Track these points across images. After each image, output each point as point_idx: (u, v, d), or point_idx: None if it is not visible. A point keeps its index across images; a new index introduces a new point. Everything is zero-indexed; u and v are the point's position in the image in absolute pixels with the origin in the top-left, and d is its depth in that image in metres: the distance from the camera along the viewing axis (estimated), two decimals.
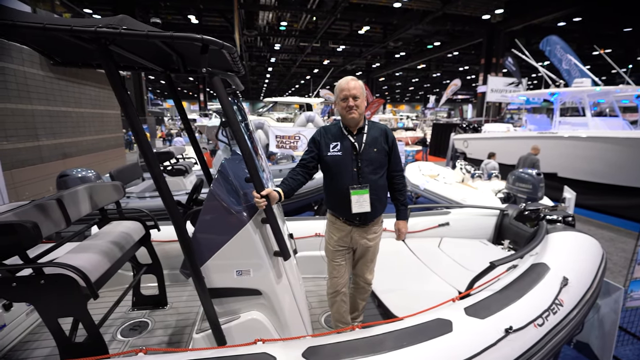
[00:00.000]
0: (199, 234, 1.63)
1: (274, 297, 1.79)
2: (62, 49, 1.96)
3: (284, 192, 1.75)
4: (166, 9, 19.78)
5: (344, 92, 1.80)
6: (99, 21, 1.28)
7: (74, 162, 9.64)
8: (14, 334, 2.16)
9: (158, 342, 2.19)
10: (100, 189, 2.25)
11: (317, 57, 28.41)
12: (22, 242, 1.45)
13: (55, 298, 1.55)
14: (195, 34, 1.32)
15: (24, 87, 7.95)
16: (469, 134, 11.97)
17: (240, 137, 1.51)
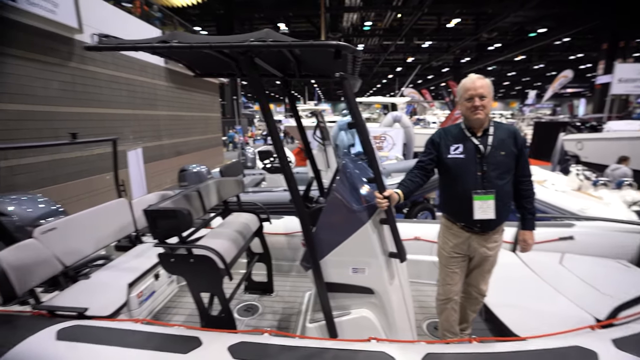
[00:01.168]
0: (320, 230, 1.73)
1: (385, 298, 1.80)
2: (202, 62, 2.29)
3: (404, 193, 1.74)
4: (260, 19, 21.45)
5: (469, 92, 1.71)
6: (248, 36, 1.45)
7: (185, 158, 11.18)
8: (160, 299, 2.60)
9: (269, 325, 2.40)
10: (226, 184, 2.56)
11: (401, 55, 27.60)
12: (180, 226, 1.73)
13: (200, 275, 1.83)
14: (330, 42, 1.40)
15: (153, 96, 9.49)
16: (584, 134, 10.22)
17: (366, 138, 1.56)
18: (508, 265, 2.59)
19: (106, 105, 7.49)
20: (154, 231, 1.76)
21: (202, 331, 1.63)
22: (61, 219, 2.31)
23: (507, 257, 2.68)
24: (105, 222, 2.60)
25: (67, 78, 6.41)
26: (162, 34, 6.80)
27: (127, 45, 1.50)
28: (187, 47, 1.45)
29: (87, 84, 6.94)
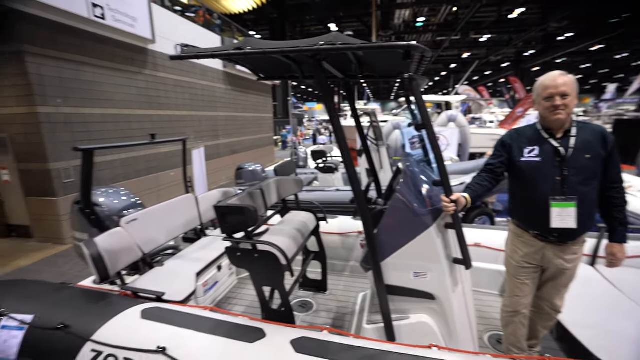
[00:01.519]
0: (382, 232, 1.72)
1: (447, 305, 1.74)
2: (265, 66, 2.39)
3: (472, 198, 1.67)
4: (310, 21, 21.81)
5: (549, 90, 1.57)
6: (317, 40, 1.49)
7: (239, 157, 11.78)
8: (222, 289, 2.79)
9: (323, 322, 2.44)
10: (285, 183, 2.66)
11: (456, 51, 26.25)
12: (247, 222, 1.84)
13: (263, 269, 1.92)
14: (400, 42, 1.38)
15: (212, 99, 10.13)
16: None
17: (434, 140, 1.52)
18: (586, 280, 2.34)
19: (173, 107, 8.17)
20: (223, 226, 1.89)
21: (265, 323, 1.71)
22: (141, 211, 2.58)
23: (585, 271, 2.42)
24: (175, 215, 2.85)
25: (142, 84, 7.11)
26: (222, 40, 7.23)
27: (206, 53, 1.63)
28: (261, 52, 1.53)
29: (158, 89, 7.64)
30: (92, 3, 5.59)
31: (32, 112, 4.96)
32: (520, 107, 11.60)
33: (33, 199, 5.32)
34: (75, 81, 5.57)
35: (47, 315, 1.77)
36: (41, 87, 5.01)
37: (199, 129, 9.34)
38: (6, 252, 5.10)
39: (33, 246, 5.31)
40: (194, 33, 9.03)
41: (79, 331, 1.66)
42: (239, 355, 1.47)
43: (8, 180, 5.41)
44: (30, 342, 1.70)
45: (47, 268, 4.57)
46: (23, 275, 4.32)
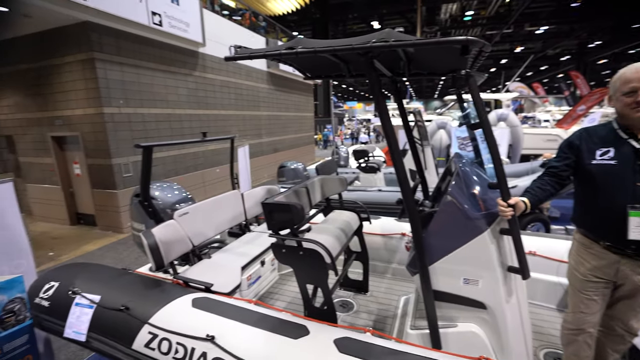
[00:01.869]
0: (431, 235, 1.65)
1: (499, 315, 1.63)
2: (312, 66, 2.40)
3: (531, 203, 1.54)
4: (353, 19, 21.67)
5: (631, 84, 1.40)
6: (370, 37, 1.47)
7: (280, 155, 12.05)
8: (264, 284, 2.86)
9: (364, 324, 2.41)
10: (330, 182, 2.66)
11: (507, 45, 24.60)
12: (294, 219, 1.86)
13: (308, 267, 1.93)
14: (459, 37, 1.31)
15: (256, 98, 10.45)
16: None
17: (492, 140, 1.43)
18: None
19: (219, 107, 8.56)
20: (270, 222, 1.93)
21: (308, 320, 1.72)
22: (191, 205, 2.73)
23: None
24: (222, 210, 2.97)
25: (192, 85, 7.53)
26: (266, 41, 7.43)
27: (258, 53, 1.67)
28: (313, 52, 1.54)
29: (206, 90, 8.05)
30: (151, 11, 6.02)
31: (98, 113, 5.47)
32: (582, 105, 10.53)
33: (97, 191, 5.87)
34: (135, 84, 6.05)
35: (111, 297, 1.93)
36: (107, 89, 5.50)
37: (242, 127, 9.69)
38: (76, 238, 5.69)
39: (97, 233, 5.87)
40: (240, 35, 9.38)
41: (137, 314, 1.80)
42: (283, 350, 1.49)
43: (79, 174, 6.02)
44: (98, 319, 1.87)
45: (109, 253, 5.01)
46: (90, 259, 4.78)
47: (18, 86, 6.17)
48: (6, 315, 1.93)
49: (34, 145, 6.32)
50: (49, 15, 4.88)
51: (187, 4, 6.83)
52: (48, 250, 5.12)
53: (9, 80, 6.22)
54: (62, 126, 5.85)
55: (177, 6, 6.61)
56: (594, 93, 10.61)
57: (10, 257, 2.30)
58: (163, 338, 1.68)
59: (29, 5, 4.44)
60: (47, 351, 2.43)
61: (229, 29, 8.92)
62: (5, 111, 6.48)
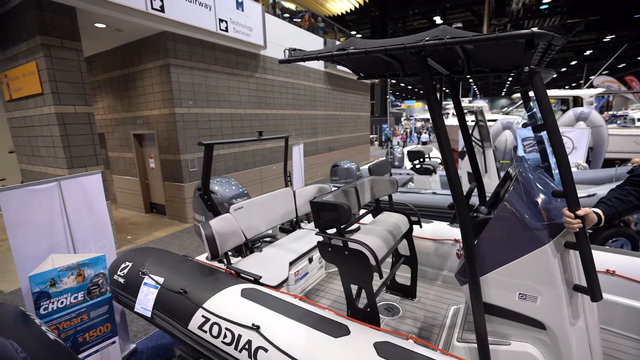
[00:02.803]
0: (484, 243, 1.55)
1: (562, 339, 1.46)
2: (366, 65, 2.39)
3: (607, 215, 1.36)
4: (413, 16, 20.94)
5: None
6: (424, 35, 1.42)
7: (335, 154, 12.15)
8: (310, 280, 2.93)
9: (408, 330, 2.34)
10: (380, 183, 2.63)
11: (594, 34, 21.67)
12: (340, 219, 1.88)
13: (352, 267, 1.94)
14: (522, 31, 1.21)
15: (312, 98, 10.67)
16: None
17: (559, 143, 1.29)
18: None
19: (277, 107, 8.91)
20: (317, 221, 1.98)
21: (350, 320, 1.73)
22: (246, 200, 2.90)
23: None
24: (275, 206, 3.11)
25: (253, 86, 7.95)
26: (324, 41, 7.54)
27: (310, 55, 1.72)
28: (363, 52, 1.54)
29: (266, 90, 8.44)
30: (219, 18, 6.49)
31: (171, 113, 6.07)
32: None
33: (168, 184, 6.53)
34: (202, 86, 6.59)
35: (173, 280, 2.15)
36: (178, 92, 6.08)
37: (299, 126, 9.98)
38: (149, 225, 6.40)
39: (166, 222, 6.52)
40: (299, 36, 9.65)
41: (193, 298, 1.97)
42: (322, 348, 1.52)
43: (153, 168, 6.75)
44: (161, 299, 2.09)
45: (174, 241, 5.55)
46: (159, 244, 5.34)
47: (110, 91, 7.13)
48: (92, 286, 2.26)
49: (120, 141, 7.25)
50: (136, 28, 5.55)
51: (250, 10, 7.23)
52: (127, 235, 5.83)
53: (104, 86, 7.21)
54: (141, 125, 6.61)
55: (241, 12, 7.04)
56: None
57: (97, 238, 2.67)
58: (214, 322, 1.83)
59: (120, 21, 5.09)
60: (122, 322, 2.79)
61: (289, 31, 9.24)
62: (100, 112, 7.53)
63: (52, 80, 4.19)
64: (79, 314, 2.17)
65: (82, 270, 2.19)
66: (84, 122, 4.55)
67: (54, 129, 4.32)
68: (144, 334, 3.18)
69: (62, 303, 2.09)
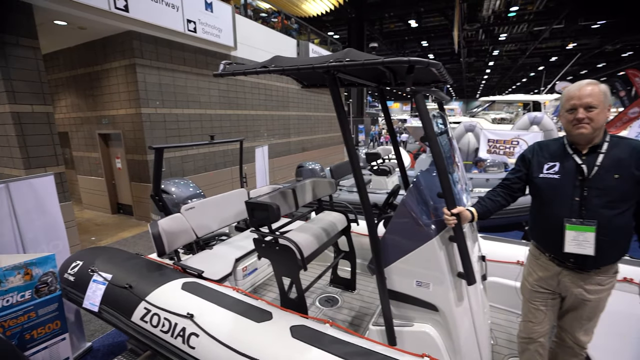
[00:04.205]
0: (388, 237, 1.79)
1: (450, 318, 1.72)
2: (308, 76, 2.60)
3: (479, 213, 1.62)
4: (389, 18, 21.39)
5: (572, 102, 1.44)
6: (330, 57, 1.63)
7: (309, 154, 12.35)
8: (260, 275, 3.12)
9: (343, 319, 2.57)
10: (320, 184, 2.85)
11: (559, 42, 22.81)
12: (270, 218, 2.08)
13: (282, 261, 2.15)
14: (403, 58, 1.44)
15: (285, 99, 10.80)
16: None
17: (437, 153, 1.53)
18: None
19: (249, 107, 9.01)
20: (252, 219, 2.17)
21: (277, 309, 1.93)
22: (198, 201, 3.05)
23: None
24: (228, 206, 3.27)
25: (223, 87, 8.02)
26: (297, 43, 7.75)
27: (240, 71, 1.91)
28: (280, 70, 1.74)
29: (237, 91, 8.52)
30: (187, 19, 6.54)
31: (137, 113, 6.08)
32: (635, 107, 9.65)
33: (135, 184, 6.53)
34: (170, 86, 6.62)
35: (120, 276, 2.28)
36: (145, 92, 6.10)
37: (271, 127, 10.10)
38: (115, 226, 6.39)
39: (133, 222, 6.53)
40: (271, 38, 9.76)
41: (138, 292, 2.12)
42: (245, 331, 1.72)
43: (120, 168, 6.73)
44: (108, 294, 2.23)
45: (140, 241, 5.59)
46: (124, 245, 5.37)
47: (74, 89, 7.02)
48: (41, 285, 2.35)
49: (85, 141, 7.16)
50: (99, 27, 5.53)
51: (220, 11, 7.30)
52: (91, 236, 5.82)
53: (68, 83, 7.10)
54: (107, 124, 6.58)
55: (210, 13, 7.10)
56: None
57: (49, 238, 2.75)
58: (154, 313, 1.99)
59: (82, 19, 5.08)
60: (77, 320, 2.87)
61: (260, 33, 9.34)
62: (63, 111, 7.40)
63: (6, 79, 4.15)
64: (25, 312, 2.25)
65: (29, 269, 2.28)
66: (43, 121, 4.53)
67: (9, 128, 4.29)
68: (101, 332, 3.27)
69: (7, 302, 2.17)
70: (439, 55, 27.05)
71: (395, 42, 24.59)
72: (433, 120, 2.27)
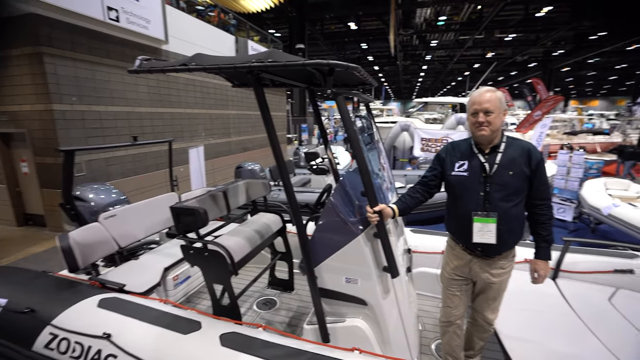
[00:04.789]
0: (317, 236, 1.80)
1: (378, 311, 1.80)
2: (238, 75, 2.52)
3: (400, 209, 1.72)
4: (330, 19, 21.81)
5: (474, 107, 1.61)
6: (253, 57, 1.60)
7: (251, 154, 12.06)
8: (194, 284, 2.95)
9: (280, 321, 2.56)
10: (254, 185, 2.79)
11: (480, 50, 25.41)
12: (197, 223, 1.97)
13: (212, 268, 2.05)
14: (322, 60, 1.46)
15: (224, 97, 10.40)
16: None
17: (359, 153, 1.59)
18: (541, 294, 2.33)
19: (184, 105, 8.49)
20: (177, 225, 2.04)
21: (208, 317, 1.84)
22: (121, 208, 2.78)
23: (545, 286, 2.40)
24: (156, 212, 3.03)
25: (153, 83, 7.44)
26: (236, 40, 7.46)
27: (157, 67, 1.78)
28: (201, 69, 1.66)
29: (170, 88, 7.97)
30: (107, 6, 5.92)
31: (48, 109, 5.35)
32: (538, 110, 11.11)
33: (47, 191, 5.74)
34: (90, 80, 5.94)
35: (19, 300, 1.98)
36: (57, 85, 5.39)
37: (210, 126, 9.65)
38: (22, 240, 5.55)
39: (46, 235, 5.74)
40: (206, 32, 9.30)
41: (42, 315, 1.86)
42: (170, 345, 1.61)
43: (27, 172, 5.86)
44: (1, 324, 1.91)
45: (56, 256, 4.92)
46: (34, 262, 4.70)
47: None
48: None
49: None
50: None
51: (147, 0, 6.75)
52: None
53: None
54: (7, 122, 5.67)
55: (136, 2, 6.52)
56: (548, 100, 11.21)
57: None
58: (63, 338, 1.76)
59: None
60: None
61: (195, 26, 8.84)
62: None
63: None
64: None
65: None
66: None
67: None
68: None
69: None
70: (378, 57, 28.34)
71: (336, 43, 25.15)
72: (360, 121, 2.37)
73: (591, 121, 22.87)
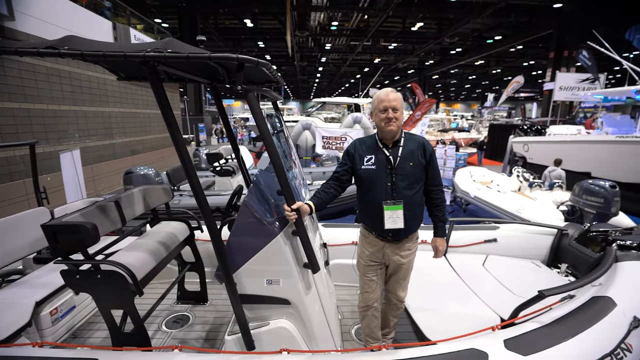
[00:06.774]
0: (233, 241, 1.70)
1: (302, 308, 1.81)
2: (125, 66, 2.18)
3: (315, 205, 1.76)
4: (225, 14, 20.90)
5: (383, 104, 1.75)
6: (148, 45, 1.39)
7: (141, 158, 10.67)
8: (82, 314, 2.45)
9: (196, 337, 2.34)
10: (152, 192, 2.46)
11: (368, 56, 28.06)
12: (84, 241, 1.64)
13: (108, 291, 1.74)
14: (231, 54, 1.37)
15: (103, 92, 8.96)
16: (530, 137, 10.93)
17: (272, 151, 1.54)
18: (436, 269, 2.71)
19: (47, 101, 6.95)
20: (54, 247, 1.65)
21: (105, 351, 1.55)
22: None
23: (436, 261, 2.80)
24: (19, 233, 2.40)
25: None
26: (114, 26, 6.42)
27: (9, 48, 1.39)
28: (78, 54, 1.36)
29: (23, 78, 6.41)
30: None
31: None
32: (418, 111, 12.92)
33: None
34: None
35: None
36: None
37: (85, 126, 8.15)
38: None
39: None
40: (72, 13, 7.78)
41: None
42: None
43: None
44: None
45: None
46: None
47: None
48: None
49: None
50: None
51: None
52: None
53: None
54: None
55: None
56: (425, 102, 13.12)
57: None
58: None
59: None
60: None
61: (56, 5, 7.31)
62: None
63: None
64: None
65: None
66: None
67: None
68: None
69: None
70: (275, 57, 28.51)
71: (231, 40, 24.27)
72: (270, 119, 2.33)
73: (455, 121, 27.72)
